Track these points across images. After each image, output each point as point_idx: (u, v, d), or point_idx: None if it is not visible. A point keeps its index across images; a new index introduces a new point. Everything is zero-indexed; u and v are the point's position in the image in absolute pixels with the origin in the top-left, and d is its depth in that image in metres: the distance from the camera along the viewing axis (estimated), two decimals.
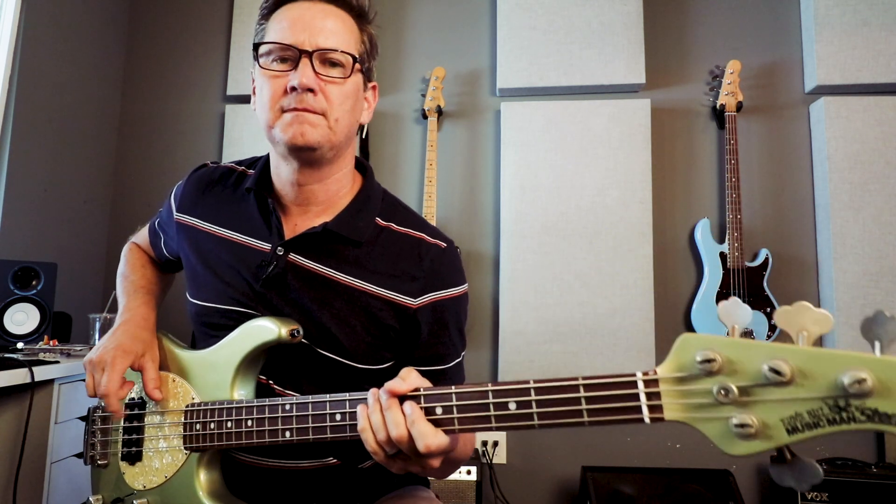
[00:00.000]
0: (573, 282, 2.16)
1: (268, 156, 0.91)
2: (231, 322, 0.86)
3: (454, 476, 1.93)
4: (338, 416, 0.71)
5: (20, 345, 1.74)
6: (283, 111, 0.79)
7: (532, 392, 0.58)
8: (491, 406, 0.60)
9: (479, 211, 2.36)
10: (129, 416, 0.91)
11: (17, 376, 1.40)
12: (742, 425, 0.48)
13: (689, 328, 2.19)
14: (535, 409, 0.58)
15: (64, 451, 1.56)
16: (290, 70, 0.78)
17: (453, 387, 0.63)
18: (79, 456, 1.59)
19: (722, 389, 0.49)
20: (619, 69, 2.26)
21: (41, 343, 1.78)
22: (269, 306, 0.85)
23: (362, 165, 0.94)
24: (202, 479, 0.86)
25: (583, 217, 2.20)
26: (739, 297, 2.07)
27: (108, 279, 2.47)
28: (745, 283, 2.08)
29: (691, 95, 2.32)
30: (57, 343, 1.82)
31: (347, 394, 0.72)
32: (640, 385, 0.53)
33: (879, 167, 2.08)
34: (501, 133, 2.31)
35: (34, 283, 1.81)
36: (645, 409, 0.53)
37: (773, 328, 2.05)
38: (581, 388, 0.56)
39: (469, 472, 1.94)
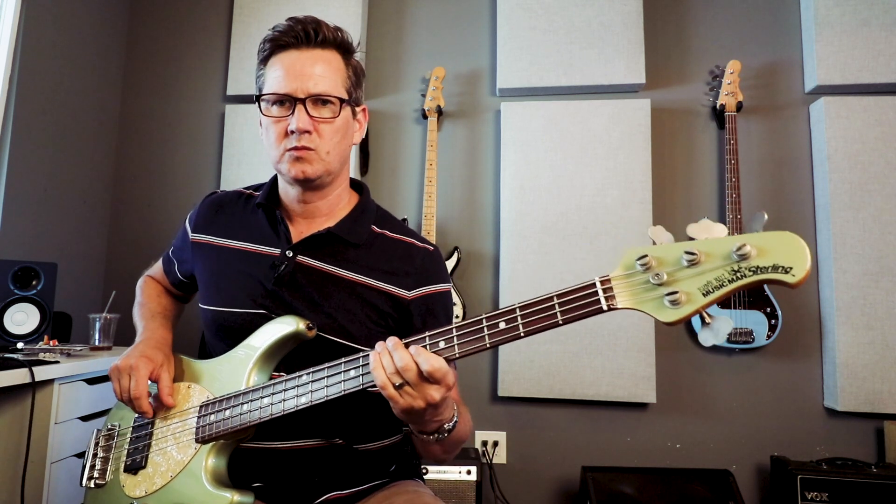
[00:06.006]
0: (573, 282, 2.15)
1: (275, 177, 1.03)
2: (245, 322, 0.95)
3: (454, 476, 1.93)
4: (351, 372, 0.81)
5: (20, 345, 1.74)
6: (287, 150, 0.92)
7: (517, 310, 0.73)
8: (485, 329, 0.74)
9: (479, 211, 2.36)
10: (138, 426, 0.97)
11: (17, 376, 1.40)
12: (673, 298, 0.65)
13: (689, 328, 2.20)
14: (520, 322, 0.73)
15: (64, 451, 1.56)
16: (289, 114, 0.91)
17: (453, 324, 0.76)
18: (79, 456, 1.60)
19: (655, 276, 0.67)
20: (619, 69, 2.26)
21: (41, 343, 1.78)
22: (280, 302, 0.94)
23: (359, 185, 1.09)
24: (210, 467, 0.87)
25: (583, 217, 2.20)
26: (739, 298, 2.07)
27: (108, 279, 2.47)
28: None
29: (691, 95, 2.32)
30: (57, 343, 1.81)
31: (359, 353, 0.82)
32: (598, 285, 0.71)
33: (879, 167, 2.08)
34: (501, 133, 2.31)
35: (34, 283, 1.81)
36: (603, 302, 0.70)
37: (773, 328, 2.05)
38: (555, 298, 0.72)
39: (469, 472, 1.93)
